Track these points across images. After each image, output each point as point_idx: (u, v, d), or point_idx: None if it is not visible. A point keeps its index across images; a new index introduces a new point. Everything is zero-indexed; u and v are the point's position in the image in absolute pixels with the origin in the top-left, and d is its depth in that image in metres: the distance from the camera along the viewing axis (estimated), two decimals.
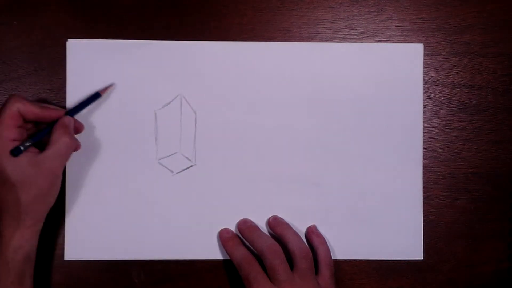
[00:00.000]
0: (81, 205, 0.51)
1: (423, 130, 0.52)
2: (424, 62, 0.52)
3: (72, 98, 0.51)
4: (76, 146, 0.49)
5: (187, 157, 0.51)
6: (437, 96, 0.53)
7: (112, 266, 0.51)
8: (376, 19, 0.52)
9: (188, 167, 0.51)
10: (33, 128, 0.48)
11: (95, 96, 0.50)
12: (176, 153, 0.51)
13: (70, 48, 0.51)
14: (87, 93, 0.51)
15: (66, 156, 0.46)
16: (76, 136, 0.49)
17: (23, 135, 0.46)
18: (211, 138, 0.51)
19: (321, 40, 0.52)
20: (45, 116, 0.46)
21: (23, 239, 0.44)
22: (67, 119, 0.47)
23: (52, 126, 0.46)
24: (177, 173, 0.51)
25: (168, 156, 0.51)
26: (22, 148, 0.44)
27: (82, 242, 0.51)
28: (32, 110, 0.45)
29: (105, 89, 0.50)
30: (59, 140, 0.45)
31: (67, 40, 0.51)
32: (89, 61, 0.51)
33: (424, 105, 0.52)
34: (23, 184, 0.44)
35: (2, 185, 0.44)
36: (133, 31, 0.52)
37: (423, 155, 0.52)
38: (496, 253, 0.53)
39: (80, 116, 0.50)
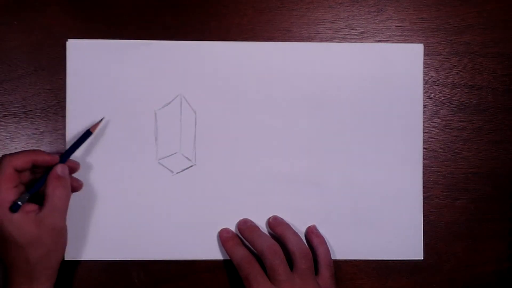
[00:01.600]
0: (81, 205, 0.51)
1: (423, 130, 0.52)
2: (424, 62, 0.52)
3: (72, 98, 0.51)
4: (76, 188, 0.49)
5: (187, 157, 0.51)
6: (437, 96, 0.53)
7: (112, 266, 0.51)
8: (376, 19, 0.52)
9: (188, 167, 0.51)
10: (30, 176, 0.47)
11: (86, 134, 0.49)
12: (176, 153, 0.51)
13: (70, 48, 0.51)
14: (87, 93, 0.51)
15: (64, 208, 0.46)
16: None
17: (21, 192, 0.45)
18: (211, 138, 0.52)
19: (321, 40, 0.52)
20: (40, 162, 0.46)
21: None
22: (60, 168, 0.46)
23: (47, 173, 0.46)
24: (177, 173, 0.51)
25: (168, 156, 0.51)
26: (20, 203, 0.44)
27: (82, 242, 0.51)
28: (26, 159, 0.45)
29: (96, 125, 0.49)
30: (54, 195, 0.45)
31: (67, 40, 0.51)
32: (89, 61, 0.51)
33: (424, 105, 0.52)
34: (29, 244, 0.44)
35: (10, 247, 0.44)
36: (133, 31, 0.52)
37: (423, 155, 0.52)
38: (496, 253, 0.53)
39: (80, 117, 0.50)
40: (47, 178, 0.45)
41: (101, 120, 0.50)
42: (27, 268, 0.44)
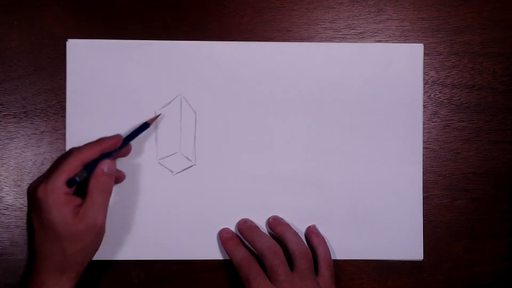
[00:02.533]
0: None
1: (423, 130, 0.52)
2: (424, 62, 0.52)
3: (72, 98, 0.51)
4: (120, 178, 0.50)
5: (187, 157, 0.51)
6: (437, 96, 0.53)
7: (112, 266, 0.51)
8: (376, 19, 0.52)
9: (188, 167, 0.51)
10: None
11: (144, 126, 0.49)
12: (176, 153, 0.51)
13: (70, 48, 0.51)
14: (87, 93, 0.51)
15: (104, 205, 0.46)
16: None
17: (75, 187, 0.46)
18: (211, 138, 0.52)
19: (321, 40, 0.52)
20: (105, 148, 0.46)
21: None
22: (106, 166, 0.46)
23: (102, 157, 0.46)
24: (177, 173, 0.51)
25: (168, 156, 0.51)
26: (77, 179, 0.45)
27: None
28: (93, 152, 0.46)
29: (153, 118, 0.50)
30: (94, 191, 0.45)
31: (67, 40, 0.51)
32: (89, 61, 0.51)
33: (424, 105, 0.52)
34: (68, 237, 0.44)
35: (49, 237, 0.44)
36: (133, 31, 0.52)
37: (423, 155, 0.52)
38: (496, 253, 0.53)
39: (81, 118, 0.50)
40: (91, 174, 0.45)
41: (159, 115, 0.50)
42: (61, 261, 0.44)
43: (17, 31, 0.51)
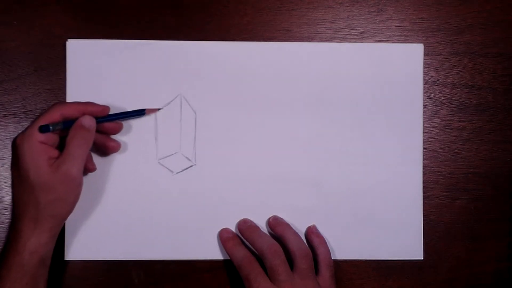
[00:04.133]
0: (81, 205, 0.50)
1: (423, 130, 0.52)
2: (424, 62, 0.52)
3: (72, 98, 0.51)
4: (89, 169, 0.49)
5: (187, 157, 0.51)
6: (437, 96, 0.53)
7: (112, 266, 0.51)
8: (376, 19, 0.52)
9: (188, 167, 0.51)
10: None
11: (139, 112, 0.50)
12: (176, 153, 0.51)
13: (70, 48, 0.51)
14: (87, 93, 0.51)
15: (80, 158, 0.45)
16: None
17: (54, 140, 0.46)
18: (211, 138, 0.52)
19: (321, 40, 0.52)
20: (89, 111, 0.47)
21: (40, 242, 0.45)
22: (86, 120, 0.46)
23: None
24: (177, 173, 0.51)
25: (168, 156, 0.51)
26: (51, 128, 0.45)
27: (82, 242, 0.51)
28: (76, 107, 0.46)
29: (153, 110, 0.50)
30: (71, 143, 0.45)
31: (67, 40, 0.51)
32: (89, 61, 0.51)
33: (424, 105, 0.52)
34: (42, 187, 0.44)
35: (24, 187, 0.45)
36: (133, 31, 0.52)
37: (423, 155, 0.52)
38: (496, 253, 0.53)
39: None
40: (72, 127, 0.46)
41: (160, 109, 0.51)
42: (35, 211, 0.44)
43: (17, 31, 0.51)
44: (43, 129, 0.44)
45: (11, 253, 0.44)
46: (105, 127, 0.48)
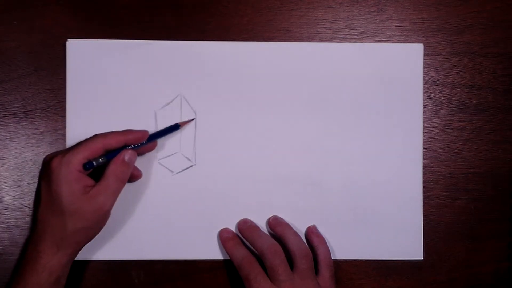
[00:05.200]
0: None
1: (423, 130, 0.52)
2: (424, 62, 0.52)
3: (72, 98, 0.51)
4: (137, 176, 0.50)
5: (187, 157, 0.51)
6: (437, 96, 0.53)
7: (112, 266, 0.51)
8: (376, 19, 0.52)
9: (188, 167, 0.51)
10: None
11: (174, 127, 0.50)
12: (176, 153, 0.51)
13: (70, 48, 0.51)
14: (87, 93, 0.51)
15: (116, 192, 0.46)
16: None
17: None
18: (211, 138, 0.52)
19: (321, 40, 0.52)
20: (132, 141, 0.47)
21: (60, 264, 0.45)
22: (128, 155, 0.46)
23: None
24: (177, 173, 0.51)
25: (168, 156, 0.51)
26: (94, 163, 0.45)
27: None
28: (117, 138, 0.46)
29: (186, 122, 0.50)
30: (110, 176, 0.45)
31: (67, 40, 0.51)
32: (89, 61, 0.51)
33: (424, 105, 0.52)
34: (73, 214, 0.44)
35: (53, 210, 0.45)
36: (133, 31, 0.52)
37: (423, 155, 0.52)
38: (496, 253, 0.53)
39: (81, 118, 0.50)
40: (112, 159, 0.46)
41: (193, 119, 0.51)
42: (60, 236, 0.44)
43: (17, 31, 0.51)
44: (88, 166, 0.45)
45: (29, 271, 0.44)
46: (141, 149, 0.49)
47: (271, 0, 0.52)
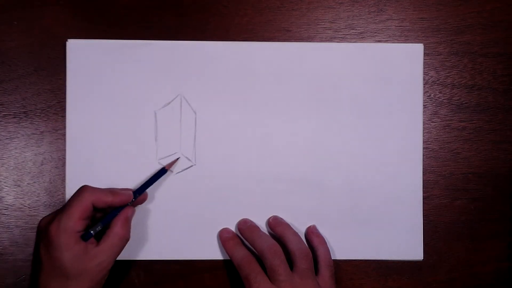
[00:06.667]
0: None
1: (423, 130, 0.52)
2: (424, 62, 0.52)
3: (72, 98, 0.51)
4: (142, 201, 0.51)
5: (187, 157, 0.51)
6: (437, 96, 0.53)
7: (112, 266, 0.51)
8: (376, 19, 0.52)
9: (188, 167, 0.51)
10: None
11: (162, 172, 0.50)
12: (176, 153, 0.51)
13: (70, 48, 0.51)
14: (87, 93, 0.51)
15: (120, 250, 0.46)
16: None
17: (87, 224, 0.46)
18: (211, 138, 0.52)
19: (321, 40, 0.52)
20: (116, 203, 0.47)
21: None
22: (131, 212, 0.47)
23: (118, 209, 0.47)
24: (177, 173, 0.51)
25: (168, 156, 0.51)
26: (92, 232, 0.45)
27: None
28: (104, 200, 0.46)
29: (171, 163, 0.51)
30: (116, 235, 0.46)
31: (67, 40, 0.51)
32: (89, 61, 0.51)
33: (424, 105, 0.52)
34: (77, 276, 0.44)
35: (56, 276, 0.44)
36: (133, 31, 0.52)
37: (423, 155, 0.52)
38: (496, 253, 0.53)
39: (81, 118, 0.50)
40: (116, 218, 0.46)
41: (178, 159, 0.51)
42: None
43: (17, 31, 0.51)
44: (86, 237, 0.45)
45: None
46: (135, 202, 0.49)
47: (271, 0, 0.52)
